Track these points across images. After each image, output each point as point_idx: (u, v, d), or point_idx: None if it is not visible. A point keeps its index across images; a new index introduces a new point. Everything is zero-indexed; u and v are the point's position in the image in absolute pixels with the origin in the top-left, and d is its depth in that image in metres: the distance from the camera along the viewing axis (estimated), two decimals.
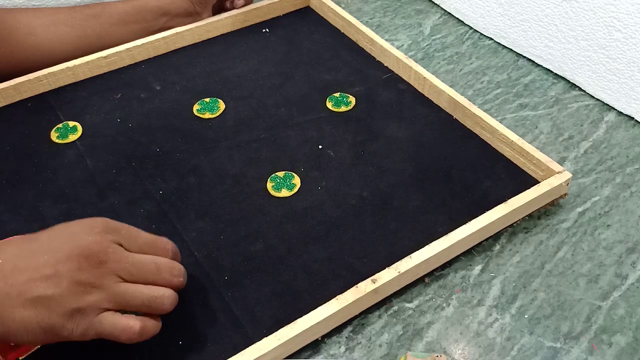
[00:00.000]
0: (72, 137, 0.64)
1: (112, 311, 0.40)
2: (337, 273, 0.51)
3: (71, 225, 0.42)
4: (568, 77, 0.73)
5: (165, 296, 0.42)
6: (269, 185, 0.58)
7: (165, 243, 0.45)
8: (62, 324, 0.39)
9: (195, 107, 0.67)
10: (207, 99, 0.68)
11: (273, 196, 0.58)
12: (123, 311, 0.41)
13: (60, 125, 0.65)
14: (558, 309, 0.50)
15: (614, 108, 0.69)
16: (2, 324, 0.38)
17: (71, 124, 0.65)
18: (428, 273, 0.52)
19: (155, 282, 0.42)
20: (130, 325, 0.40)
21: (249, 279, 0.50)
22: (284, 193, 0.58)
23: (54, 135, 0.64)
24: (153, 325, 0.42)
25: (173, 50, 0.76)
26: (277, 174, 0.59)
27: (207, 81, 0.72)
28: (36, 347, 0.44)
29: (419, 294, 0.51)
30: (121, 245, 0.41)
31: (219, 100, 0.68)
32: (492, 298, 0.50)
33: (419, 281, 0.51)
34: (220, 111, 0.67)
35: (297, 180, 0.59)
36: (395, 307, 0.50)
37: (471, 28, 0.83)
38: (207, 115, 0.66)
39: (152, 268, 0.42)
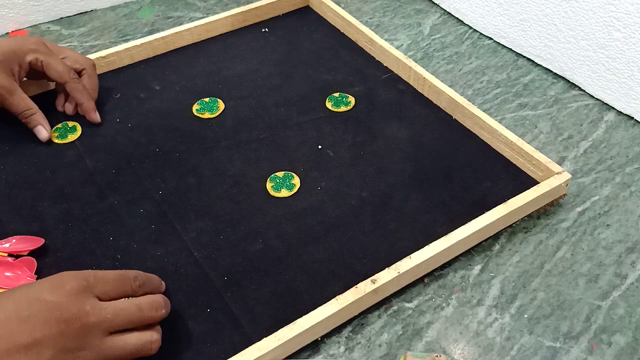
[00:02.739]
0: (72, 137, 0.64)
1: None
2: (336, 273, 0.51)
3: (36, 287, 0.39)
4: (568, 77, 0.73)
5: (153, 340, 0.42)
6: (269, 185, 0.58)
7: (132, 274, 0.43)
8: None
9: (195, 107, 0.67)
10: (207, 99, 0.68)
11: (272, 196, 0.58)
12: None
13: (59, 125, 0.65)
14: (558, 308, 0.50)
15: (613, 108, 0.69)
16: None
17: (70, 123, 0.65)
18: (428, 273, 0.52)
19: (140, 322, 0.41)
20: None
21: (248, 279, 0.51)
22: (284, 193, 0.58)
23: (53, 136, 0.64)
24: None
25: (172, 50, 0.76)
26: (276, 174, 0.59)
27: (206, 81, 0.72)
28: None
29: (418, 294, 0.51)
30: (96, 296, 0.40)
31: (218, 100, 0.68)
32: (492, 298, 0.50)
33: (419, 281, 0.51)
34: (220, 111, 0.67)
35: (296, 181, 0.59)
36: (395, 307, 0.50)
37: (471, 28, 0.83)
38: (207, 115, 0.66)
39: (134, 311, 0.41)
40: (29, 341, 0.36)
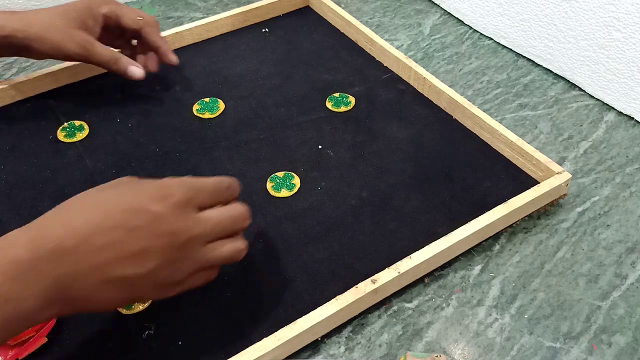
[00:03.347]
0: (80, 136, 0.64)
1: (197, 272, 0.41)
2: (336, 273, 0.51)
3: (142, 196, 0.39)
4: (568, 77, 0.73)
5: (242, 248, 0.43)
6: (269, 185, 0.58)
7: (226, 183, 0.44)
8: (150, 295, 0.41)
9: (195, 107, 0.67)
10: (207, 99, 0.68)
11: (273, 196, 0.58)
12: None
13: (66, 125, 0.65)
14: (558, 309, 0.50)
15: (613, 108, 0.69)
16: (86, 302, 0.38)
17: (77, 122, 0.65)
18: (428, 273, 0.52)
19: (232, 233, 0.43)
20: (209, 276, 0.43)
21: (249, 279, 0.50)
22: (284, 193, 0.58)
23: (60, 135, 0.64)
24: (217, 270, 0.44)
25: (172, 50, 0.76)
26: (276, 174, 0.59)
27: (206, 81, 0.72)
28: (37, 346, 0.44)
29: (418, 294, 0.51)
30: (197, 206, 0.41)
31: (219, 100, 0.68)
32: (492, 298, 0.50)
33: (419, 281, 0.51)
34: (220, 111, 0.67)
35: (296, 181, 0.59)
36: (395, 307, 0.50)
37: (471, 28, 0.83)
38: (207, 115, 0.66)
39: (229, 223, 0.42)
40: (136, 250, 0.37)
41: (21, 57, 0.63)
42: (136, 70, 0.63)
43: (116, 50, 0.66)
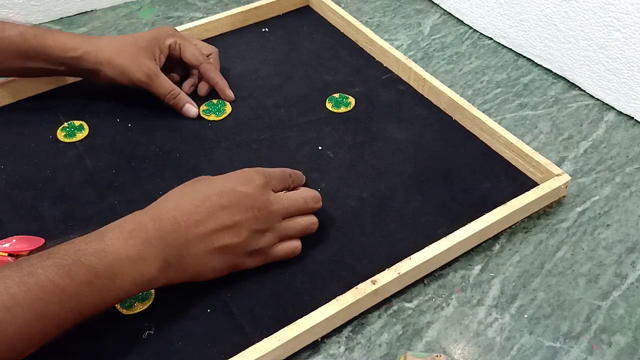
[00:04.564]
0: (80, 136, 0.64)
1: (279, 243, 0.50)
2: (336, 274, 0.51)
3: (230, 181, 0.48)
4: (568, 77, 0.73)
5: (314, 222, 0.52)
6: None
7: (289, 172, 0.53)
8: (244, 262, 0.49)
9: (202, 107, 0.67)
10: (215, 100, 0.68)
11: None
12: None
13: (66, 125, 0.65)
14: (558, 308, 0.50)
15: (613, 108, 0.69)
16: (196, 269, 0.46)
17: (77, 122, 0.65)
18: (428, 273, 0.52)
19: (305, 211, 0.51)
20: (295, 247, 0.51)
21: (248, 280, 0.50)
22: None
23: (60, 135, 0.64)
24: (300, 242, 0.52)
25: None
26: None
27: None
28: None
29: (418, 294, 0.51)
30: (271, 189, 0.50)
31: (226, 103, 0.68)
32: (492, 298, 0.51)
33: (419, 281, 0.51)
34: (226, 114, 0.67)
35: None
36: (395, 307, 0.50)
37: (471, 28, 0.83)
38: (212, 118, 0.66)
39: (301, 202, 0.51)
40: (231, 223, 0.46)
41: (86, 79, 0.67)
42: (191, 109, 0.66)
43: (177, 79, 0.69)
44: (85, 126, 0.65)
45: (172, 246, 0.44)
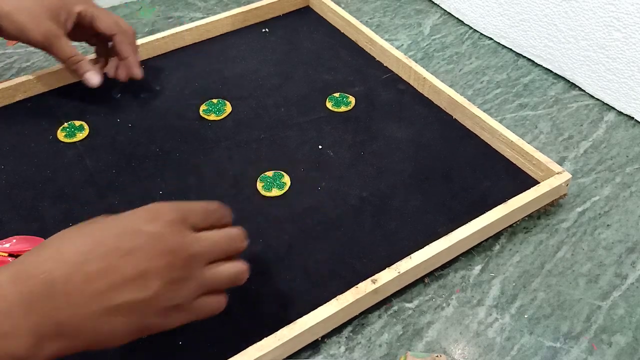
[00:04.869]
0: (80, 136, 0.64)
1: (202, 296, 0.40)
2: (336, 273, 0.51)
3: (132, 219, 0.38)
4: (568, 77, 0.73)
5: (244, 270, 0.42)
6: (259, 185, 0.58)
7: (214, 206, 0.43)
8: (158, 323, 0.37)
9: (202, 107, 0.67)
10: (215, 100, 0.68)
11: (273, 196, 0.58)
12: None
13: (66, 125, 0.65)
14: (558, 308, 0.50)
15: (613, 108, 0.69)
16: (89, 337, 0.35)
17: (77, 123, 0.65)
18: (428, 273, 0.52)
19: (232, 253, 0.42)
20: (220, 303, 0.41)
21: (248, 279, 0.50)
22: (275, 192, 0.57)
23: (60, 135, 0.64)
24: (225, 297, 0.42)
25: (172, 50, 0.76)
26: (266, 173, 0.59)
27: (206, 81, 0.72)
28: None
29: (418, 294, 0.51)
30: (190, 227, 0.40)
31: (227, 102, 0.68)
32: (492, 298, 0.50)
33: (419, 281, 0.51)
34: (226, 114, 0.67)
35: (286, 179, 0.59)
36: (395, 307, 0.50)
37: (471, 28, 0.83)
38: (212, 117, 0.66)
39: (227, 242, 0.41)
40: (135, 273, 0.36)
41: None
42: (93, 77, 0.62)
43: (91, 46, 0.66)
44: (86, 126, 0.65)
45: (47, 313, 0.34)
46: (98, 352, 0.45)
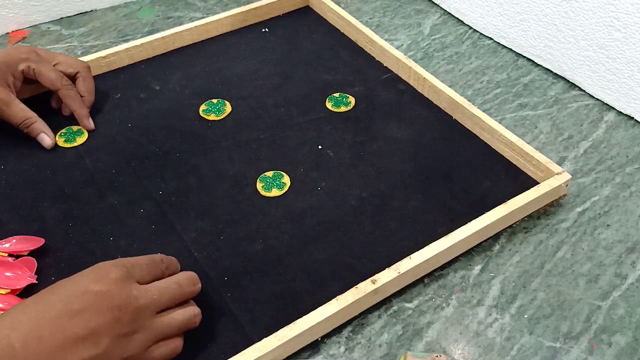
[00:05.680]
0: (80, 140, 0.63)
1: (156, 344, 0.42)
2: (336, 273, 0.51)
3: (79, 281, 0.40)
4: (568, 77, 0.73)
5: (196, 314, 0.44)
6: (259, 185, 0.58)
7: (159, 257, 0.45)
8: None
9: (202, 107, 0.67)
10: (215, 100, 0.68)
11: (273, 196, 0.58)
12: None
13: (64, 130, 0.64)
14: (558, 308, 0.50)
15: (613, 108, 0.69)
16: None
17: (75, 128, 0.65)
18: (428, 273, 0.52)
19: (181, 298, 0.44)
20: (176, 346, 0.43)
21: (248, 280, 0.50)
22: (275, 192, 0.57)
23: (59, 140, 0.63)
24: (181, 339, 0.44)
25: (172, 50, 0.76)
26: (266, 174, 0.59)
27: (206, 81, 0.72)
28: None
29: (418, 294, 0.51)
30: (136, 281, 0.42)
31: (226, 102, 0.68)
32: (492, 298, 0.50)
33: (419, 281, 0.51)
34: (226, 114, 0.67)
35: (286, 179, 0.59)
36: (395, 307, 0.50)
37: (471, 28, 0.83)
38: (212, 117, 0.66)
39: (176, 288, 0.43)
40: (85, 332, 0.38)
41: None
42: (45, 139, 0.62)
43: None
44: (84, 130, 0.64)
45: None
46: None
